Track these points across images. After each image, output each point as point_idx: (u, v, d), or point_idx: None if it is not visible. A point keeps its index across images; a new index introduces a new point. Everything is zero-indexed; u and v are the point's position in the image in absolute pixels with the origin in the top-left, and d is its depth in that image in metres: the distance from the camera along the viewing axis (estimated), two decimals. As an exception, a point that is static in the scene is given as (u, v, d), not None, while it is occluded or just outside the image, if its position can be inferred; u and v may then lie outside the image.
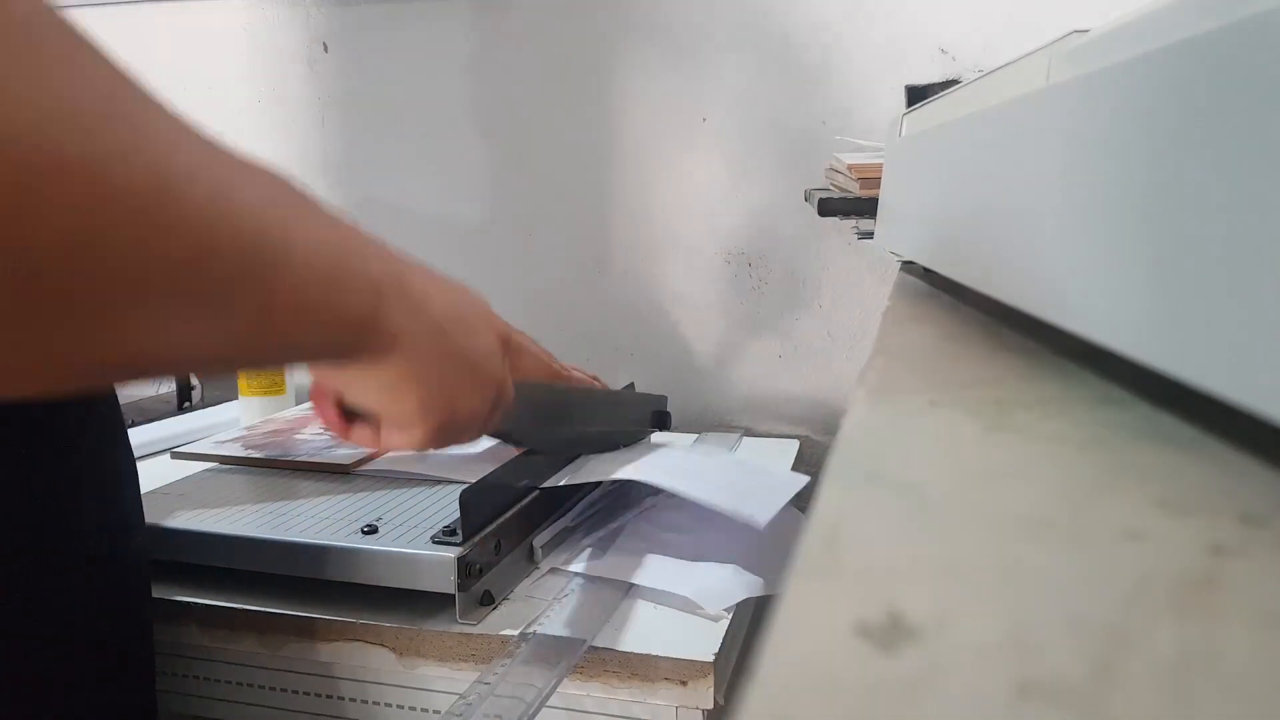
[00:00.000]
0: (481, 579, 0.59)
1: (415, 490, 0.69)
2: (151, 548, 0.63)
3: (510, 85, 1.08)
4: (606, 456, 0.71)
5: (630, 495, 0.76)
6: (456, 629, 0.56)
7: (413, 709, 0.59)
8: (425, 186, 1.12)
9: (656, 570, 0.62)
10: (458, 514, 0.57)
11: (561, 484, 0.66)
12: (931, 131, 0.49)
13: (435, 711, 0.58)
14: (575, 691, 0.54)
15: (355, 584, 0.58)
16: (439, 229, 1.12)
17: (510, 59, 1.07)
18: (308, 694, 0.61)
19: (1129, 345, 0.22)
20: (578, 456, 0.71)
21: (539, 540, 0.66)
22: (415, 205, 1.12)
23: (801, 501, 0.65)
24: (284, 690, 0.61)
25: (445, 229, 1.12)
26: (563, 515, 0.70)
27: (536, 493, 0.66)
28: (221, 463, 0.76)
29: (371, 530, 0.60)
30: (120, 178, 0.23)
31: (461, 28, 1.08)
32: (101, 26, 1.14)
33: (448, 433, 0.45)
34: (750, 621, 0.62)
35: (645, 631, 0.56)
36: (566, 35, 1.05)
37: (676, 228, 1.05)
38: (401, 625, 0.57)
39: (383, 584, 0.57)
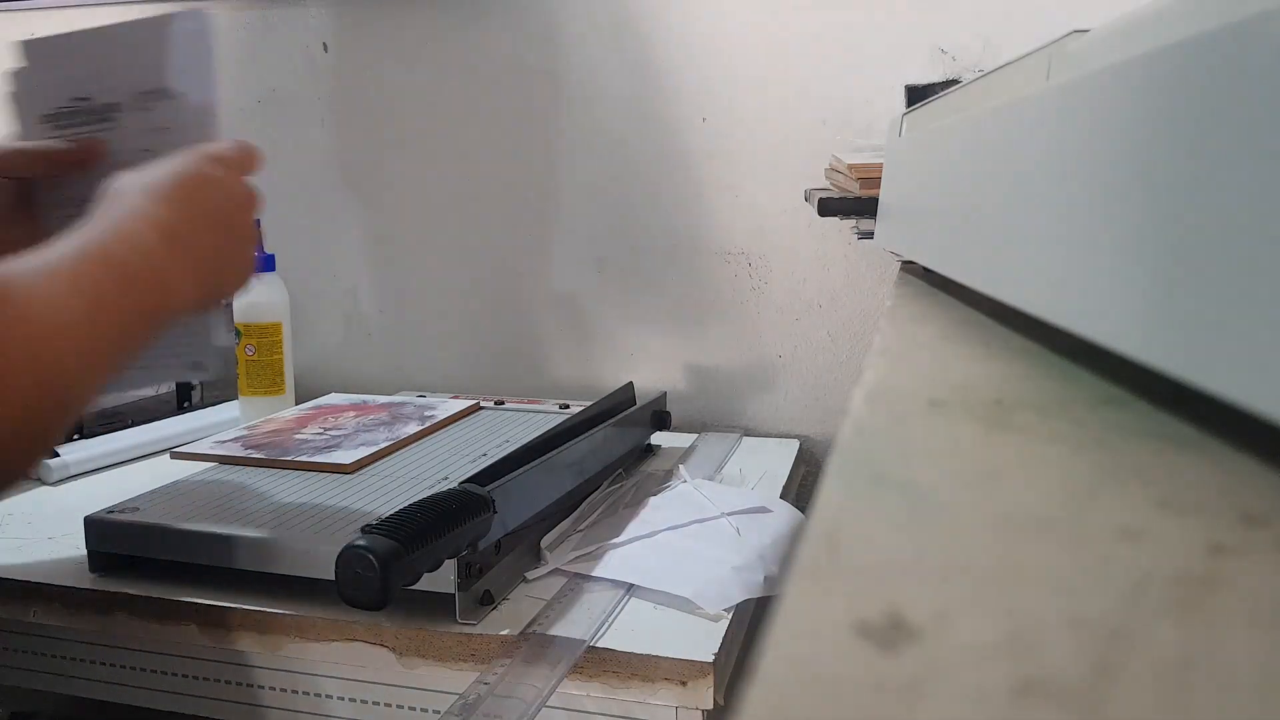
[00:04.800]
0: (481, 579, 0.59)
1: (415, 490, 0.69)
2: (152, 547, 0.63)
3: (511, 84, 1.08)
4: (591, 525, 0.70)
5: (631, 495, 0.76)
6: (456, 629, 0.56)
7: (413, 709, 0.59)
8: (425, 186, 1.12)
9: (656, 570, 0.62)
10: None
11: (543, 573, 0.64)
12: (931, 131, 0.49)
13: (435, 711, 0.58)
14: (575, 691, 0.54)
15: (355, 584, 0.58)
16: (439, 229, 1.12)
17: (511, 58, 1.07)
18: (308, 694, 0.61)
19: (1129, 345, 0.22)
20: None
21: (545, 541, 0.66)
22: (415, 205, 1.12)
23: (802, 502, 0.65)
24: (284, 690, 0.61)
25: (445, 229, 1.12)
26: (565, 516, 0.70)
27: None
28: (221, 463, 0.76)
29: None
30: None
31: (461, 27, 1.08)
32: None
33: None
34: (750, 621, 0.62)
35: (645, 631, 0.56)
36: (568, 36, 1.05)
37: (677, 228, 1.05)
38: (401, 625, 0.57)
39: (383, 584, 0.57)
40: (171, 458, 0.78)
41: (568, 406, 0.97)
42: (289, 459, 0.75)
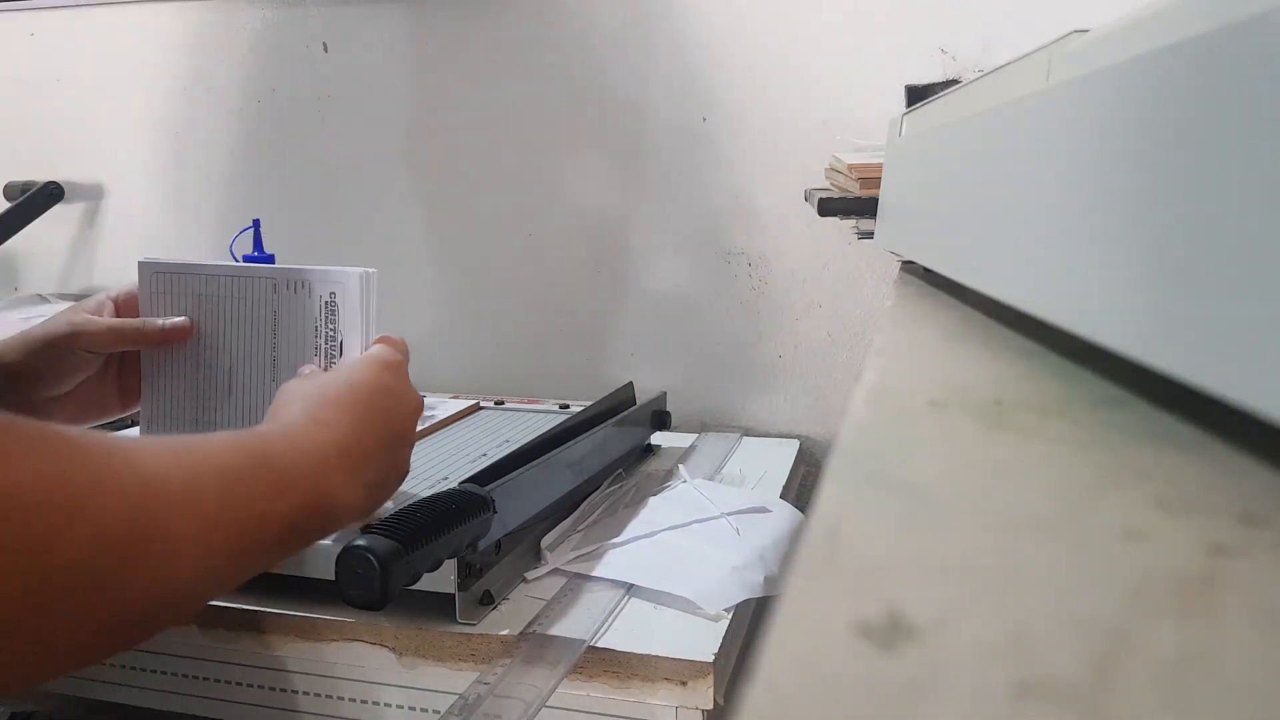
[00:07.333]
0: (482, 579, 0.59)
1: (415, 490, 0.69)
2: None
3: (511, 85, 1.08)
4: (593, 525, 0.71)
5: (631, 495, 0.76)
6: (456, 629, 0.56)
7: (413, 709, 0.59)
8: (425, 187, 1.12)
9: (656, 570, 0.62)
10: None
11: (544, 572, 0.64)
12: (931, 131, 0.49)
13: (435, 711, 0.58)
14: (575, 691, 0.54)
15: (355, 584, 0.58)
16: (439, 229, 1.12)
17: (511, 58, 1.07)
18: (308, 694, 0.61)
19: (1129, 345, 0.22)
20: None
21: (545, 541, 0.66)
22: (415, 205, 1.12)
23: (802, 502, 0.65)
24: (284, 690, 0.61)
25: (445, 229, 1.12)
26: (565, 516, 0.70)
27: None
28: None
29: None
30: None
31: (460, 28, 1.08)
32: (101, 26, 1.14)
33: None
34: (750, 621, 0.62)
35: (645, 631, 0.56)
36: (567, 35, 1.05)
37: (676, 228, 1.05)
38: (401, 625, 0.57)
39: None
40: (171, 458, 0.78)
41: (568, 406, 0.97)
42: (289, 459, 0.75)
